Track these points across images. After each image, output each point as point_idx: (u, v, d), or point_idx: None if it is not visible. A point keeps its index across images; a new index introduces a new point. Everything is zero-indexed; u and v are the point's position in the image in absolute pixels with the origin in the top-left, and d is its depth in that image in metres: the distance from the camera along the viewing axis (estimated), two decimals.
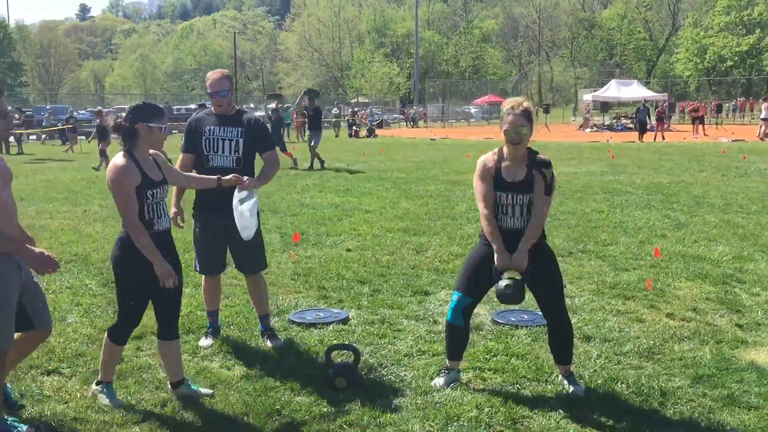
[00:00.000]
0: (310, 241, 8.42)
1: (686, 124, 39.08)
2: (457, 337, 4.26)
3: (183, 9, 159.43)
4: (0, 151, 24.75)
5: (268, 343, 4.84)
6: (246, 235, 4.38)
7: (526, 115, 3.97)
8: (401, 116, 53.45)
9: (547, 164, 4.04)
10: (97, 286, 6.40)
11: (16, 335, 3.57)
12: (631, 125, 37.16)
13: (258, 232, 4.63)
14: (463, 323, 4.21)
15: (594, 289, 6.27)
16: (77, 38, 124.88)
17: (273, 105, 24.21)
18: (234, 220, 4.34)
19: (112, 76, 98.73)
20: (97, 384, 4.01)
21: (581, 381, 4.23)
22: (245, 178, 4.36)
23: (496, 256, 3.97)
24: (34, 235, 8.69)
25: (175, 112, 47.39)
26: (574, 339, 4.90)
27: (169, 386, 4.08)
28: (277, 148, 5.09)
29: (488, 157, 4.12)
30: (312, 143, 17.89)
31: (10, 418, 3.54)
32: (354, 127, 36.02)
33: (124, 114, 3.86)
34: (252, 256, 4.85)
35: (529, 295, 4.22)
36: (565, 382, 4.15)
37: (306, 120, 19.75)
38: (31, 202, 11.99)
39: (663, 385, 4.17)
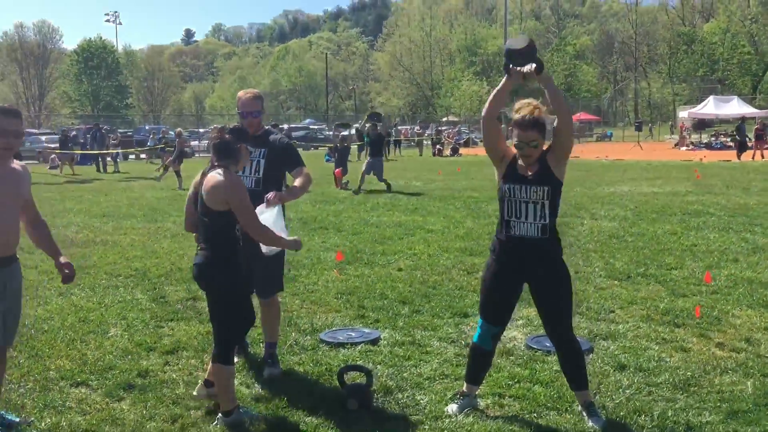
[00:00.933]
0: (363, 260, 8.43)
1: None
2: (481, 360, 4.13)
3: (281, 32, 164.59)
4: (98, 170, 26.13)
5: (265, 372, 4.71)
6: (266, 251, 4.39)
7: (537, 126, 3.78)
8: None
9: None
10: (147, 301, 6.61)
11: None
12: (731, 143, 35.45)
13: (280, 254, 4.66)
14: (491, 347, 4.09)
15: (644, 315, 5.98)
16: (182, 62, 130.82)
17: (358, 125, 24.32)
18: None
19: (212, 97, 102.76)
20: (226, 415, 3.88)
21: (603, 412, 4.02)
22: (269, 194, 4.38)
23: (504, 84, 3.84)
24: (105, 250, 9.11)
25: None
26: (607, 367, 4.72)
27: (202, 383, 4.19)
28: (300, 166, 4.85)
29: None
30: (365, 170, 17.16)
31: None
32: (438, 146, 35.99)
33: (223, 134, 3.92)
34: (266, 279, 4.73)
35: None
36: (584, 412, 3.95)
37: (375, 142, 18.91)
38: (112, 218, 12.55)
39: (691, 419, 3.91)
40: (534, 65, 3.70)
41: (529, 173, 3.87)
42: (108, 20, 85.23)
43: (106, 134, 27.89)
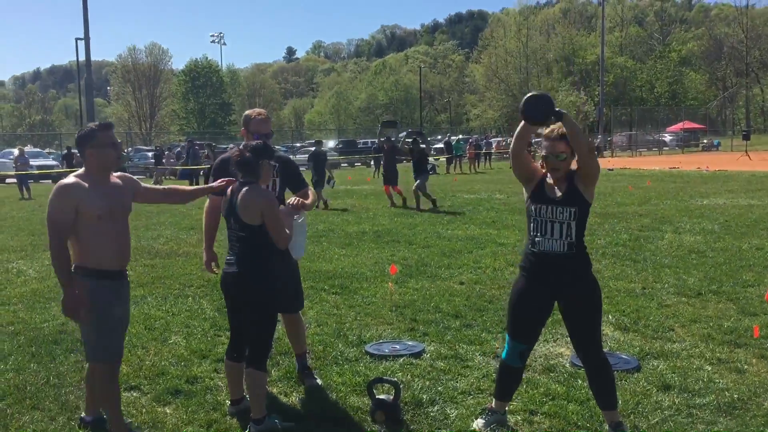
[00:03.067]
0: (426, 273, 8.47)
1: None
2: (510, 376, 4.11)
3: (378, 47, 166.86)
4: (190, 183, 27.32)
5: (305, 383, 4.83)
6: (296, 255, 4.53)
7: (565, 138, 3.78)
8: None
9: None
10: (211, 311, 6.91)
11: None
12: None
13: (297, 270, 4.80)
14: (520, 364, 4.07)
15: (704, 334, 5.74)
16: (283, 79, 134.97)
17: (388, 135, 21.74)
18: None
19: (311, 112, 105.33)
20: (257, 423, 4.01)
21: None
22: (292, 199, 4.48)
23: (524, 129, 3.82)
24: (185, 262, 9.55)
25: (360, 145, 49.75)
26: (650, 387, 4.59)
27: (229, 402, 4.36)
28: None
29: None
30: (416, 185, 16.21)
31: None
32: None
33: (246, 151, 4.11)
34: (293, 295, 4.84)
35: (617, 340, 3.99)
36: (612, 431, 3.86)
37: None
38: (199, 231, 13.10)
39: None
40: (553, 117, 3.72)
41: (558, 194, 3.85)
42: (213, 41, 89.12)
43: (199, 150, 29.07)
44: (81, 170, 3.89)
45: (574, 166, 3.85)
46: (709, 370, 4.90)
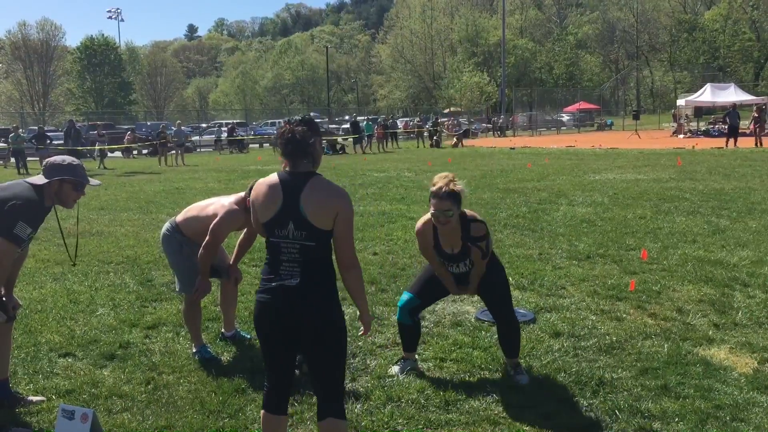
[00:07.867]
0: None
1: None
2: (407, 332, 4.68)
3: (283, 26, 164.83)
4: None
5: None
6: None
7: (452, 197, 4.08)
8: (489, 126, 53.33)
9: (481, 237, 4.27)
10: (135, 285, 7.13)
11: None
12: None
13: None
14: (410, 321, 4.63)
15: (591, 290, 6.46)
16: (185, 57, 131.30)
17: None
18: None
19: (215, 93, 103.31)
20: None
21: (529, 371, 4.52)
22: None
23: (449, 288, 4.57)
24: (100, 241, 9.61)
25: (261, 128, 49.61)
26: (543, 334, 5.22)
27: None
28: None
29: (424, 229, 4.37)
30: None
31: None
32: (435, 138, 36.34)
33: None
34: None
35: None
36: (512, 371, 4.45)
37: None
38: (109, 211, 13.09)
39: (605, 375, 4.40)
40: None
41: (454, 251, 4.38)
42: (110, 17, 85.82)
43: (83, 130, 28.43)
44: None
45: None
46: (593, 320, 5.60)
